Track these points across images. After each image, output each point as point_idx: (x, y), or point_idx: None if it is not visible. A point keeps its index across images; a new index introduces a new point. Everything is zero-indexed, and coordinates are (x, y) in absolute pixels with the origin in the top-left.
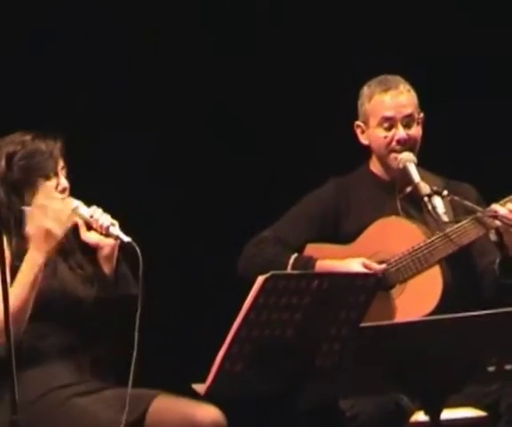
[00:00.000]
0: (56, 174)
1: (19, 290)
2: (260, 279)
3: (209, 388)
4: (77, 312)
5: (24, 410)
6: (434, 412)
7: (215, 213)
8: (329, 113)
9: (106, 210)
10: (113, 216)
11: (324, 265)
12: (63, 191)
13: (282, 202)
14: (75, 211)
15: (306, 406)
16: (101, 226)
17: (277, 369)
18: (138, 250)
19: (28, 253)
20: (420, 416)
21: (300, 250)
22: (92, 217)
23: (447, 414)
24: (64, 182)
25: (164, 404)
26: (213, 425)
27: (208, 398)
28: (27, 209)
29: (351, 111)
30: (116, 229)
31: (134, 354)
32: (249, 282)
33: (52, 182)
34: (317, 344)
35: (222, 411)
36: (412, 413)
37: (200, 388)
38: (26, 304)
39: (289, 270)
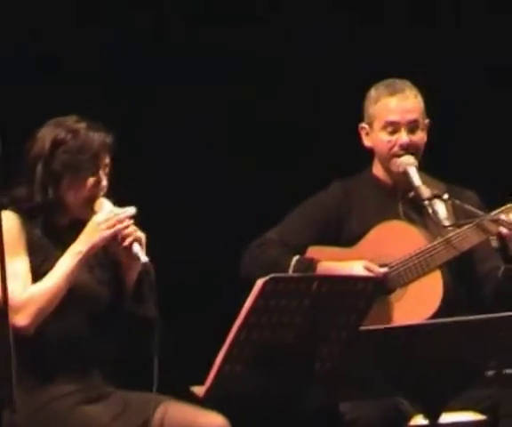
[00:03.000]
0: (96, 173)
1: (54, 273)
2: (260, 282)
3: (208, 390)
4: (88, 310)
5: (27, 419)
6: (433, 415)
7: (217, 214)
8: (332, 115)
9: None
10: None
11: (325, 267)
12: (99, 191)
13: (284, 205)
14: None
15: (306, 409)
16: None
17: (277, 372)
18: (153, 272)
19: (74, 244)
20: (420, 420)
21: (303, 252)
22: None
23: (446, 417)
24: (103, 183)
25: (169, 411)
26: None
27: (212, 401)
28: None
29: (355, 114)
30: (136, 246)
31: (155, 381)
32: (251, 283)
33: (90, 180)
34: (317, 347)
35: (225, 415)
36: (411, 416)
37: (199, 390)
38: (56, 287)
39: (290, 272)
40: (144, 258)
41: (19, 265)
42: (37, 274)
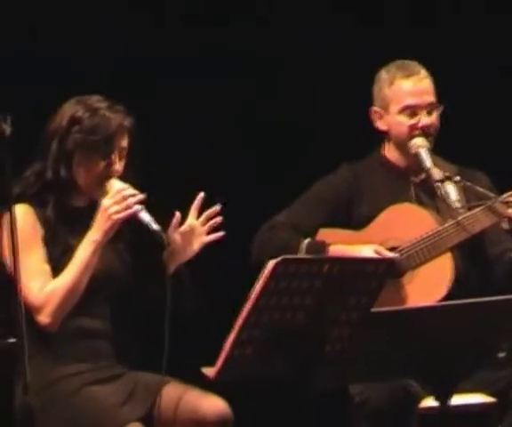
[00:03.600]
0: (109, 156)
1: (72, 267)
2: (271, 264)
3: (218, 372)
4: (108, 291)
5: (36, 396)
6: (444, 398)
7: (227, 198)
8: (332, 114)
9: None
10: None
11: (336, 250)
12: (111, 174)
13: (293, 190)
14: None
15: (315, 391)
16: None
17: (287, 354)
18: (165, 240)
19: (88, 232)
20: (430, 402)
21: (313, 235)
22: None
23: (457, 399)
24: (116, 166)
25: (172, 394)
26: (219, 418)
27: (218, 384)
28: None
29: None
30: (146, 216)
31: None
32: (261, 266)
33: (102, 163)
34: (327, 329)
35: (229, 400)
36: (421, 398)
37: (210, 371)
38: (75, 281)
39: (302, 255)
40: (155, 226)
41: (35, 261)
42: (58, 267)
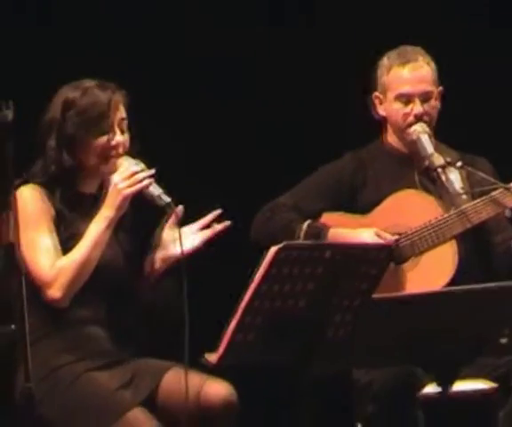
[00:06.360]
0: (110, 130)
1: (84, 242)
2: (273, 250)
3: (221, 357)
4: (111, 283)
5: (40, 382)
6: (446, 383)
7: (228, 181)
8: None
9: None
10: None
11: (336, 234)
12: (115, 147)
13: (293, 177)
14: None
15: (317, 375)
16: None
17: (289, 340)
18: (177, 211)
19: (101, 210)
20: (432, 387)
21: (315, 218)
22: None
23: (459, 385)
24: (118, 138)
25: (175, 378)
26: (224, 401)
27: (220, 370)
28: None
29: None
30: (157, 189)
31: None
32: (260, 247)
33: (104, 138)
34: (330, 315)
35: (233, 384)
36: (424, 383)
37: (212, 357)
38: (87, 256)
39: (301, 237)
40: (166, 198)
41: (46, 238)
42: (64, 250)
